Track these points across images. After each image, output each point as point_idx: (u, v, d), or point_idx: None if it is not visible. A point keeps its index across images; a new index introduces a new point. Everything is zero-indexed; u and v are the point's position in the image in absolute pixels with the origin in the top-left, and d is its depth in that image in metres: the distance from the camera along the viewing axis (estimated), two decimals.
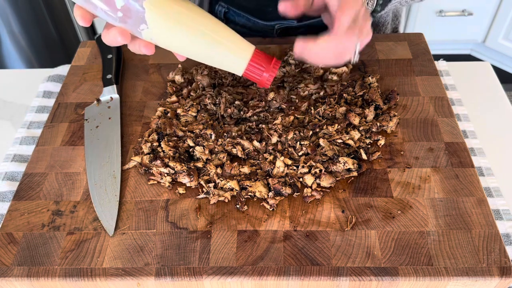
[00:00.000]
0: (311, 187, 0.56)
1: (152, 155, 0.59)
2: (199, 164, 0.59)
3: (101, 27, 1.67)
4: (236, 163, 0.58)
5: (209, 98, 0.66)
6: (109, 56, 0.75)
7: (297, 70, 0.71)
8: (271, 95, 0.65)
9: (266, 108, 0.66)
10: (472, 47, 2.21)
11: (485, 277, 0.48)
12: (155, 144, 0.61)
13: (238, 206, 0.55)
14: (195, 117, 0.65)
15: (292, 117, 0.63)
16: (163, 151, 0.60)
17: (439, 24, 2.06)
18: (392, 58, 0.74)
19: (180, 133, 0.62)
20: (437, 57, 0.80)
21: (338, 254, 0.50)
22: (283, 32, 0.85)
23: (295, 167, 0.58)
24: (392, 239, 0.51)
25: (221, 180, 0.57)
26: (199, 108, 0.66)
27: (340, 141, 0.60)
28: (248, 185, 0.56)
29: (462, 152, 0.60)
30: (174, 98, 0.68)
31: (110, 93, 0.70)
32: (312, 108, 0.64)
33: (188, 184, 0.58)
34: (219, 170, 0.58)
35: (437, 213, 0.53)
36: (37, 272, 0.50)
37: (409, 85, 0.70)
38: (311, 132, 0.61)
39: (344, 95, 0.65)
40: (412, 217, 0.53)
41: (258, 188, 0.55)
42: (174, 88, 0.70)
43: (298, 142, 0.59)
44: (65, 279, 0.50)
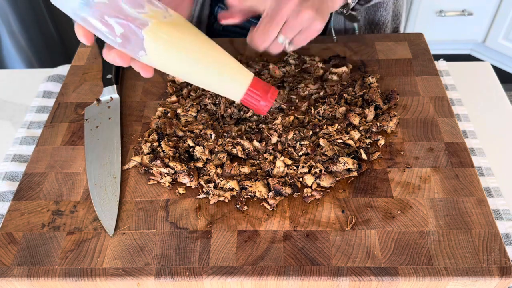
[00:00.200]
0: (311, 187, 0.56)
1: (152, 155, 0.59)
2: (199, 164, 0.59)
3: None
4: (236, 163, 0.58)
5: (209, 98, 0.66)
6: None
7: (297, 70, 0.71)
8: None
9: None
10: (472, 47, 2.21)
11: (485, 277, 0.48)
12: (155, 144, 0.61)
13: (238, 206, 0.55)
14: (195, 117, 0.65)
15: (292, 117, 0.63)
16: (163, 151, 0.60)
17: (439, 24, 2.06)
18: (392, 58, 0.74)
19: (180, 133, 0.62)
20: (437, 57, 0.80)
21: (338, 254, 0.50)
22: None
23: (295, 167, 0.58)
24: (392, 239, 0.51)
25: (221, 180, 0.57)
26: (199, 108, 0.66)
27: (340, 141, 0.60)
28: (248, 185, 0.56)
29: (462, 152, 0.60)
30: (174, 98, 0.68)
31: (110, 93, 0.70)
32: (312, 108, 0.64)
33: (188, 184, 0.58)
34: (219, 170, 0.58)
35: (437, 213, 0.53)
36: (37, 272, 0.50)
37: (409, 85, 0.70)
38: (311, 132, 0.61)
39: (344, 95, 0.65)
40: (412, 217, 0.53)
41: (258, 188, 0.55)
42: (174, 88, 0.70)
43: (298, 142, 0.59)
44: (65, 279, 0.50)
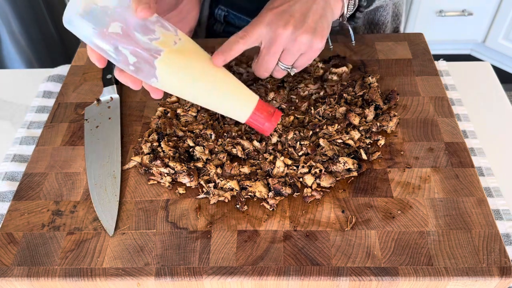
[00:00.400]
0: (311, 187, 0.56)
1: (152, 155, 0.59)
2: (199, 164, 0.59)
3: None
4: (236, 163, 0.58)
5: None
6: None
7: None
8: (271, 95, 0.65)
9: None
10: (472, 47, 2.21)
11: (485, 277, 0.48)
12: (155, 144, 0.61)
13: (238, 206, 0.55)
14: (195, 117, 0.65)
15: (292, 117, 0.63)
16: (163, 151, 0.60)
17: (439, 24, 2.06)
18: (392, 58, 0.74)
19: (180, 133, 0.62)
20: (437, 57, 0.80)
21: (338, 254, 0.50)
22: None
23: (295, 167, 0.58)
24: (392, 239, 0.51)
25: (221, 180, 0.57)
26: (199, 108, 0.66)
27: (340, 141, 0.60)
28: (248, 185, 0.56)
29: (462, 152, 0.60)
30: (174, 98, 0.68)
31: (110, 93, 0.70)
32: (312, 108, 0.64)
33: (188, 184, 0.58)
34: (219, 170, 0.58)
35: (437, 213, 0.53)
36: (37, 272, 0.50)
37: (409, 85, 0.70)
38: (311, 132, 0.61)
39: (344, 95, 0.65)
40: (412, 217, 0.53)
41: (258, 188, 0.55)
42: None
43: (298, 142, 0.59)
44: (65, 279, 0.50)
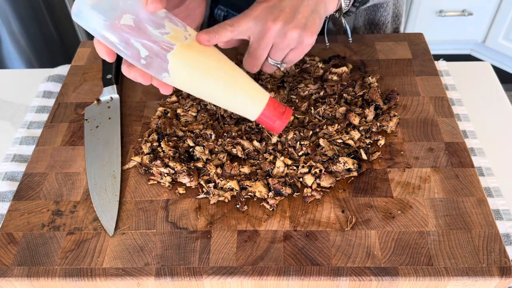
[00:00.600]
0: (311, 187, 0.56)
1: (152, 155, 0.59)
2: (199, 164, 0.59)
3: None
4: (236, 163, 0.58)
5: None
6: None
7: (297, 70, 0.71)
8: (271, 95, 0.65)
9: None
10: (472, 47, 2.21)
11: (485, 277, 0.48)
12: (155, 144, 0.61)
13: (238, 206, 0.55)
14: (195, 117, 0.65)
15: (292, 117, 0.63)
16: (163, 151, 0.60)
17: (439, 24, 2.06)
18: (392, 58, 0.74)
19: (180, 133, 0.62)
20: (437, 57, 0.80)
21: (338, 254, 0.50)
22: None
23: (295, 167, 0.58)
24: (392, 239, 0.51)
25: (221, 180, 0.57)
26: (199, 108, 0.66)
27: (340, 141, 0.60)
28: (248, 185, 0.56)
29: (462, 152, 0.60)
30: (174, 98, 0.68)
31: (110, 93, 0.70)
32: (312, 108, 0.64)
33: (188, 184, 0.58)
34: (219, 170, 0.58)
35: (437, 213, 0.53)
36: (37, 272, 0.50)
37: (409, 85, 0.70)
38: (311, 132, 0.61)
39: (344, 95, 0.65)
40: (412, 217, 0.53)
41: (258, 188, 0.55)
42: (174, 88, 0.70)
43: (298, 142, 0.59)
44: (65, 279, 0.50)
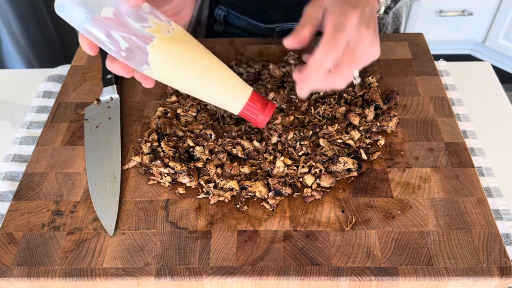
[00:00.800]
0: (311, 187, 0.56)
1: (152, 155, 0.59)
2: (199, 164, 0.59)
3: None
4: (236, 163, 0.58)
5: None
6: None
7: None
8: (271, 95, 0.65)
9: None
10: (472, 47, 2.21)
11: (485, 277, 0.48)
12: (155, 144, 0.61)
13: (238, 206, 0.55)
14: (195, 117, 0.65)
15: (292, 117, 0.63)
16: (163, 151, 0.60)
17: (439, 24, 2.06)
18: (392, 58, 0.74)
19: (180, 133, 0.62)
20: (437, 57, 0.80)
21: (338, 254, 0.50)
22: (284, 34, 0.84)
23: (295, 167, 0.58)
24: (392, 239, 0.51)
25: (221, 180, 0.57)
26: (199, 108, 0.66)
27: (340, 141, 0.60)
28: (248, 185, 0.56)
29: (462, 152, 0.60)
30: (174, 98, 0.68)
31: (110, 93, 0.70)
32: (312, 108, 0.64)
33: (188, 184, 0.58)
34: (219, 170, 0.58)
35: (437, 213, 0.53)
36: (37, 272, 0.50)
37: (409, 85, 0.70)
38: (311, 132, 0.61)
39: (344, 95, 0.65)
40: (412, 217, 0.53)
41: (258, 188, 0.55)
42: (174, 88, 0.70)
43: (298, 142, 0.59)
44: (65, 279, 0.50)
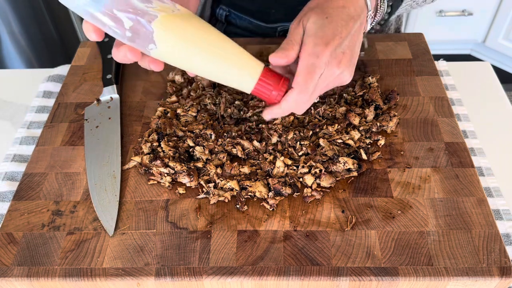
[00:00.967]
0: (311, 187, 0.56)
1: (152, 155, 0.59)
2: (199, 164, 0.59)
3: None
4: (236, 163, 0.58)
5: (209, 98, 0.66)
6: (109, 56, 0.75)
7: None
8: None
9: None
10: (472, 47, 2.21)
11: (485, 277, 0.48)
12: (155, 144, 0.61)
13: (238, 206, 0.55)
14: (195, 117, 0.65)
15: (292, 117, 0.63)
16: (163, 151, 0.60)
17: (439, 24, 2.06)
18: (392, 58, 0.74)
19: (180, 133, 0.62)
20: (437, 57, 0.80)
21: (338, 254, 0.50)
22: (286, 34, 0.84)
23: (295, 167, 0.58)
24: (392, 239, 0.51)
25: (221, 180, 0.57)
26: (199, 108, 0.66)
27: (340, 141, 0.60)
28: (248, 185, 0.56)
29: (462, 152, 0.60)
30: (174, 98, 0.68)
31: (110, 93, 0.70)
32: (312, 108, 0.64)
33: (188, 184, 0.58)
34: (219, 170, 0.58)
35: (437, 213, 0.53)
36: (37, 272, 0.50)
37: (409, 85, 0.69)
38: (311, 132, 0.61)
39: (344, 95, 0.65)
40: (412, 217, 0.53)
41: (258, 188, 0.55)
42: (174, 88, 0.70)
43: (298, 142, 0.59)
44: (65, 279, 0.50)
